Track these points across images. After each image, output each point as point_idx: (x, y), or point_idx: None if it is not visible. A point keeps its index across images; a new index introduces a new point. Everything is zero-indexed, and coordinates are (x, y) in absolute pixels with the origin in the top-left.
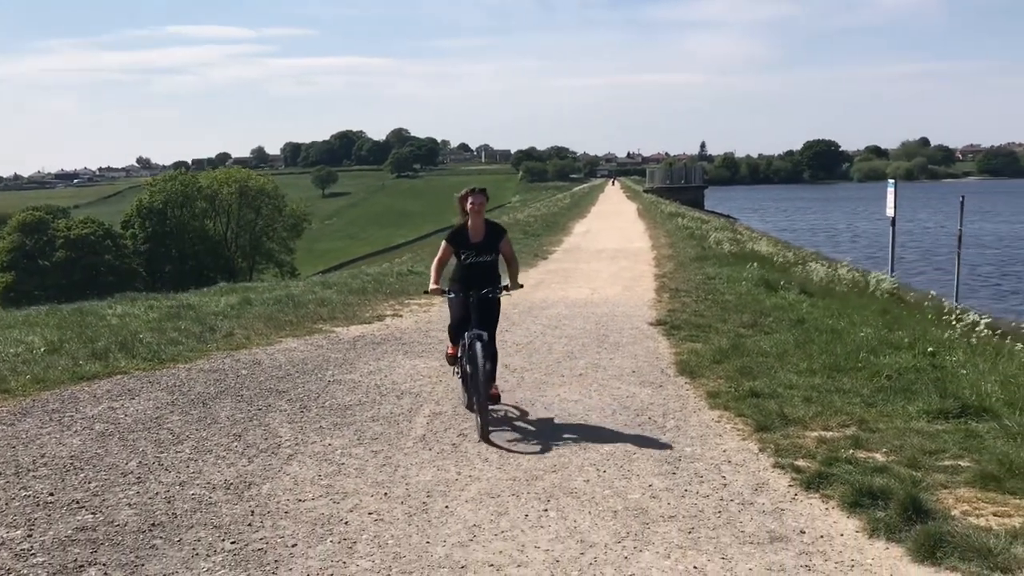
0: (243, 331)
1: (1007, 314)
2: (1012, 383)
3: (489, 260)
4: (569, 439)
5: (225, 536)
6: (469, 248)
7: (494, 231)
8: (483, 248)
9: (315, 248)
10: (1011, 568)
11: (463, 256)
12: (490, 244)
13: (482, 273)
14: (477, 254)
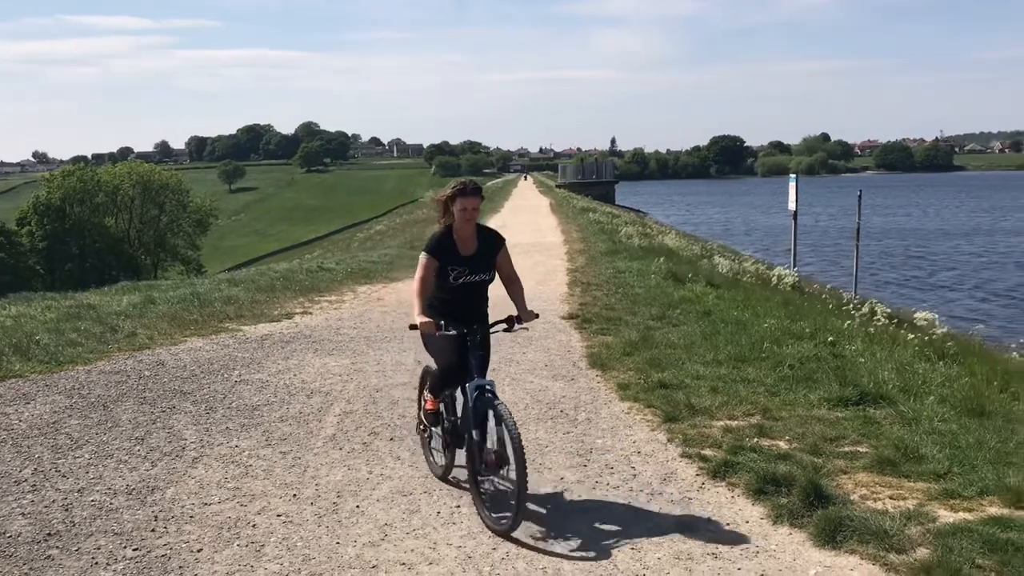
0: (146, 331)
1: (903, 303)
2: (907, 370)
3: (486, 279)
4: None
5: (127, 543)
6: (459, 263)
7: (489, 240)
8: (477, 263)
9: (222, 245)
10: (905, 549)
11: (452, 275)
12: (485, 258)
13: (477, 298)
14: (471, 271)
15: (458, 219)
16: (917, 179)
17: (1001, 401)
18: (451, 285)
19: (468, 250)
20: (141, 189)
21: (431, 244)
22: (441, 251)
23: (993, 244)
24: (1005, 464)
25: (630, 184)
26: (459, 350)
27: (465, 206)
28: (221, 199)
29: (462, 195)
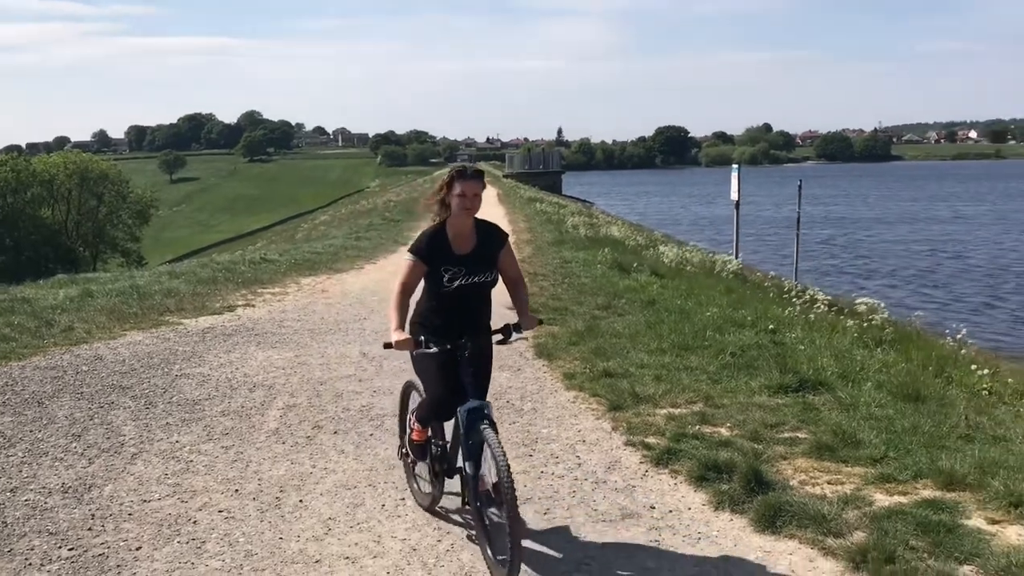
0: (84, 325)
1: (844, 291)
2: (846, 357)
3: (487, 281)
4: None
5: (62, 543)
6: (454, 263)
7: (489, 235)
8: (476, 262)
9: (163, 236)
10: (843, 532)
11: (446, 277)
12: (486, 256)
13: (478, 305)
14: (469, 272)
15: (456, 209)
16: (856, 169)
17: (936, 386)
18: (446, 290)
19: (464, 247)
20: (78, 179)
21: (417, 243)
22: (430, 251)
23: (929, 232)
24: (938, 448)
25: (577, 174)
26: (448, 371)
27: (464, 191)
28: (162, 189)
29: (461, 178)
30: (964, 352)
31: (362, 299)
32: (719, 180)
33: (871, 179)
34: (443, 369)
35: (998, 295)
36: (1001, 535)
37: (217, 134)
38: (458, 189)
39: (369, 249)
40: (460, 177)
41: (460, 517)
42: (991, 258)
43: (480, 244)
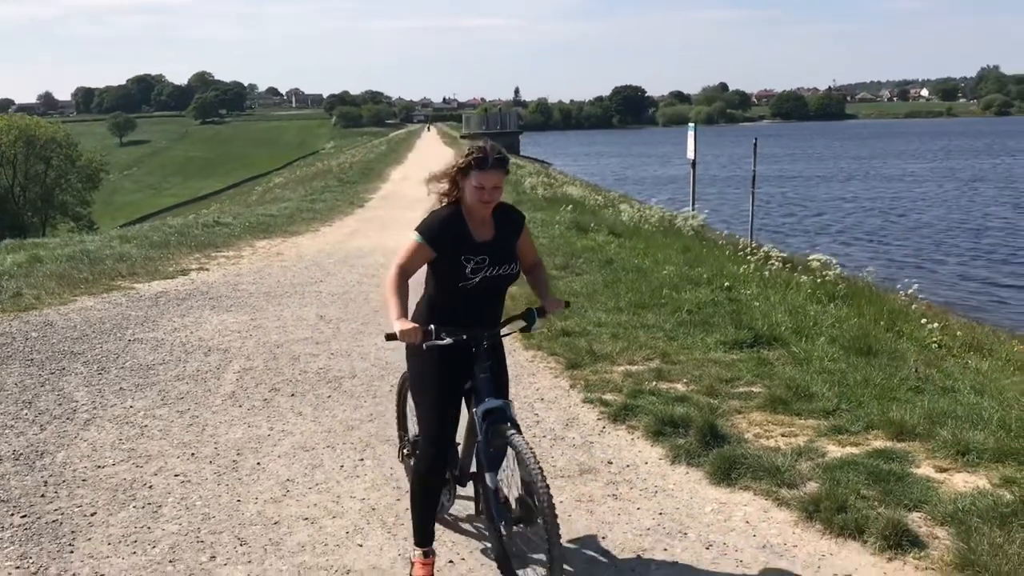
0: (32, 291)
1: (798, 248)
2: (799, 312)
3: (512, 272)
4: (386, 388)
5: (14, 510)
6: (476, 252)
7: (508, 219)
8: (499, 251)
9: (114, 200)
10: (796, 483)
11: (468, 267)
12: (507, 243)
13: (498, 299)
14: (492, 263)
15: (471, 201)
16: (811, 128)
17: (887, 340)
18: (468, 283)
19: (485, 234)
20: (24, 143)
21: (430, 227)
22: (448, 238)
23: (880, 190)
24: (889, 399)
25: (534, 134)
26: (454, 383)
27: (483, 183)
28: (112, 153)
29: (480, 168)
30: (915, 307)
31: (318, 262)
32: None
33: (825, 138)
34: (449, 366)
35: (948, 251)
36: (948, 482)
37: (167, 96)
38: (475, 180)
39: (324, 212)
40: (479, 166)
41: (472, 527)
42: (941, 215)
43: (500, 230)
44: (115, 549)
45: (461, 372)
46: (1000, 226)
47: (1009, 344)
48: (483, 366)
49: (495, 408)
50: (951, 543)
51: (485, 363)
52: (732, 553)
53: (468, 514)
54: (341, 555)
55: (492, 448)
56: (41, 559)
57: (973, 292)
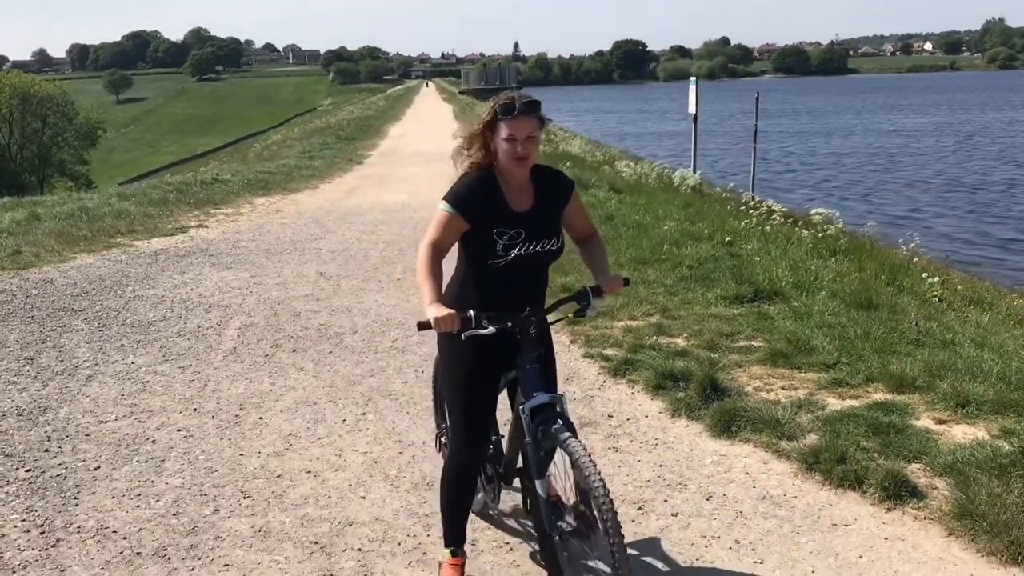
0: (32, 248)
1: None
2: (800, 267)
3: (553, 249)
4: (387, 343)
5: (19, 465)
6: (510, 224)
7: (552, 185)
8: (539, 223)
9: (111, 159)
10: (796, 436)
11: (500, 244)
12: (549, 214)
13: (536, 282)
14: (530, 236)
15: (504, 159)
16: (812, 82)
17: (888, 294)
18: (499, 262)
19: (523, 203)
20: (20, 101)
21: (460, 193)
22: (479, 207)
23: (884, 144)
24: (889, 352)
25: (534, 90)
26: (495, 358)
27: (513, 133)
28: (108, 111)
29: (507, 116)
30: (915, 261)
31: (317, 219)
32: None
33: (824, 93)
34: (483, 369)
35: (950, 206)
36: (948, 434)
37: (163, 52)
38: (504, 132)
39: (323, 168)
40: (506, 115)
41: (517, 523)
42: (942, 170)
43: (541, 198)
44: (119, 502)
45: (501, 362)
46: (996, 181)
47: (1009, 298)
48: (530, 356)
49: (545, 404)
50: (950, 493)
51: (532, 352)
52: (732, 504)
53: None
54: (344, 507)
55: (542, 452)
56: (47, 512)
57: (972, 247)
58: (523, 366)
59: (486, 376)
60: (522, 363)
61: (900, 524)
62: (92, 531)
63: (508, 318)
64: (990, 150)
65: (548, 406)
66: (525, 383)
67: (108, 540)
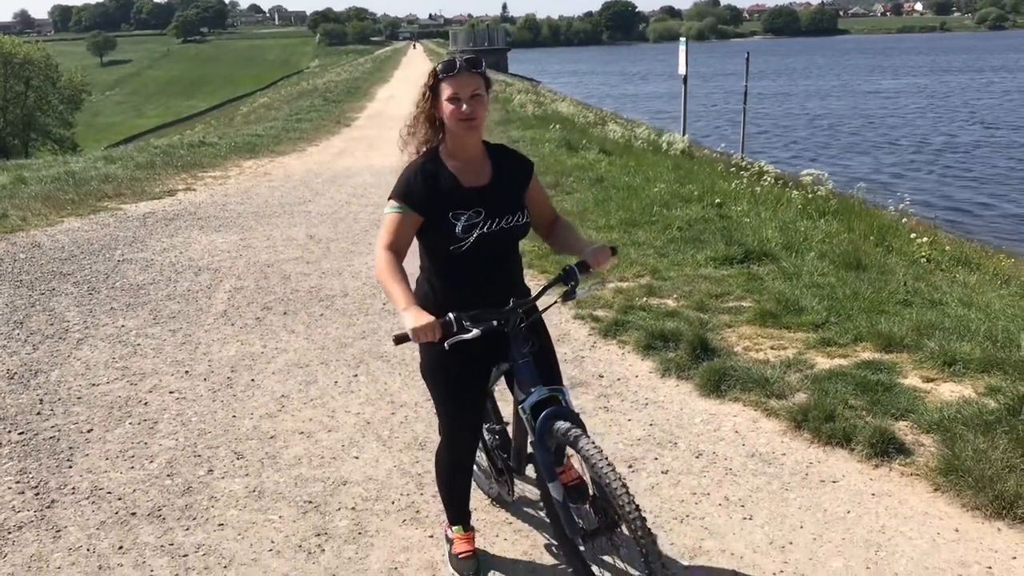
0: (18, 212)
1: (792, 165)
2: (789, 228)
3: (518, 225)
4: (378, 305)
5: (11, 427)
6: (465, 203)
7: (509, 162)
8: (499, 199)
9: (96, 122)
10: (785, 394)
11: (459, 226)
12: (510, 190)
13: (507, 261)
14: (490, 214)
15: (451, 123)
16: (801, 43)
17: (876, 255)
18: (461, 245)
19: (478, 179)
20: (1, 64)
21: (404, 188)
22: (428, 193)
23: (872, 105)
24: (878, 312)
25: (523, 52)
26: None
27: (456, 91)
28: (92, 73)
29: (447, 74)
30: (904, 222)
31: (306, 181)
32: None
33: (809, 54)
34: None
35: (938, 166)
36: (935, 392)
37: (147, 13)
38: (447, 92)
39: (311, 131)
40: (447, 72)
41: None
42: (933, 133)
43: (499, 174)
44: (113, 464)
45: (490, 356)
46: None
47: (996, 258)
48: (522, 350)
49: (546, 400)
50: (936, 450)
51: (524, 345)
52: (721, 461)
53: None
54: (337, 467)
55: (550, 452)
56: (40, 474)
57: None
58: (515, 361)
59: (473, 373)
60: (514, 357)
61: (887, 480)
62: (86, 492)
63: (492, 315)
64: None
65: (550, 401)
66: (520, 379)
67: (103, 501)
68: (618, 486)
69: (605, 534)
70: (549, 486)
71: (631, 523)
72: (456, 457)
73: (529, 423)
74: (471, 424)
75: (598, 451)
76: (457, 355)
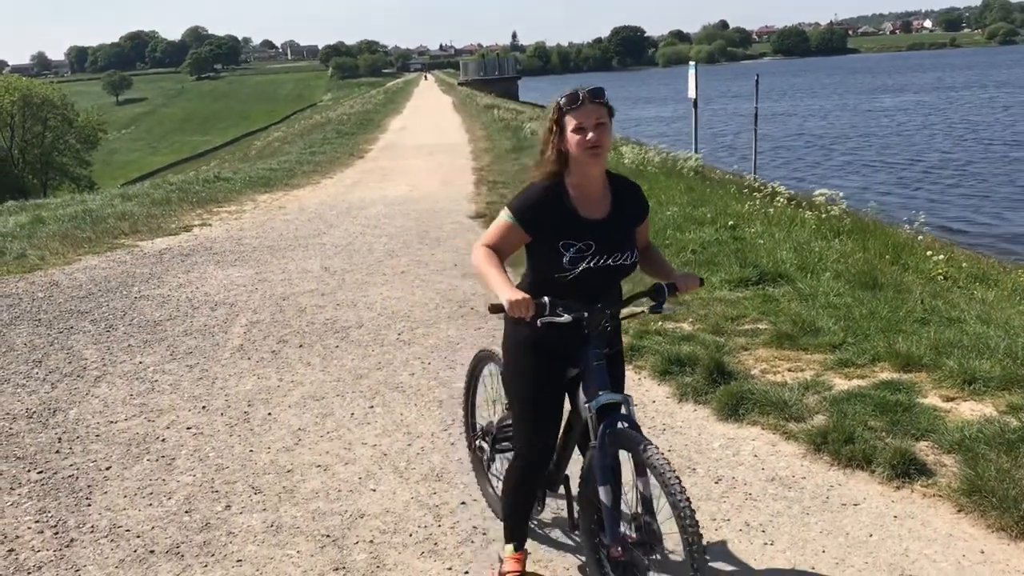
0: (37, 251)
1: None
2: (804, 249)
3: (626, 265)
4: (393, 336)
5: (31, 467)
6: (579, 235)
7: (631, 196)
8: (613, 235)
9: (114, 160)
10: (803, 417)
11: (566, 257)
12: (624, 225)
13: (609, 292)
14: (601, 250)
15: (577, 152)
16: (812, 63)
17: (892, 273)
18: (565, 276)
19: (596, 211)
20: (21, 105)
21: (524, 203)
22: (545, 216)
23: (884, 123)
24: (895, 332)
25: (533, 79)
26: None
27: (582, 122)
28: (109, 112)
29: (573, 107)
30: (920, 239)
31: (320, 214)
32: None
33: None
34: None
35: (955, 184)
36: (955, 411)
37: (162, 52)
38: (572, 124)
39: (325, 164)
40: (571, 106)
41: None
42: (946, 149)
43: (617, 210)
44: (131, 501)
45: (566, 359)
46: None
47: (1015, 274)
48: (597, 352)
49: (613, 404)
50: (958, 470)
51: (602, 348)
52: (741, 487)
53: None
54: (355, 500)
55: (609, 456)
56: (59, 513)
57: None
58: (589, 362)
59: (555, 383)
60: (588, 359)
61: (909, 502)
62: (105, 530)
63: (583, 308)
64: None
65: (615, 406)
66: (590, 380)
67: (121, 539)
68: (682, 498)
69: (644, 548)
70: (600, 489)
71: (689, 537)
72: (531, 464)
73: (593, 425)
74: (550, 428)
75: (665, 461)
76: (540, 363)
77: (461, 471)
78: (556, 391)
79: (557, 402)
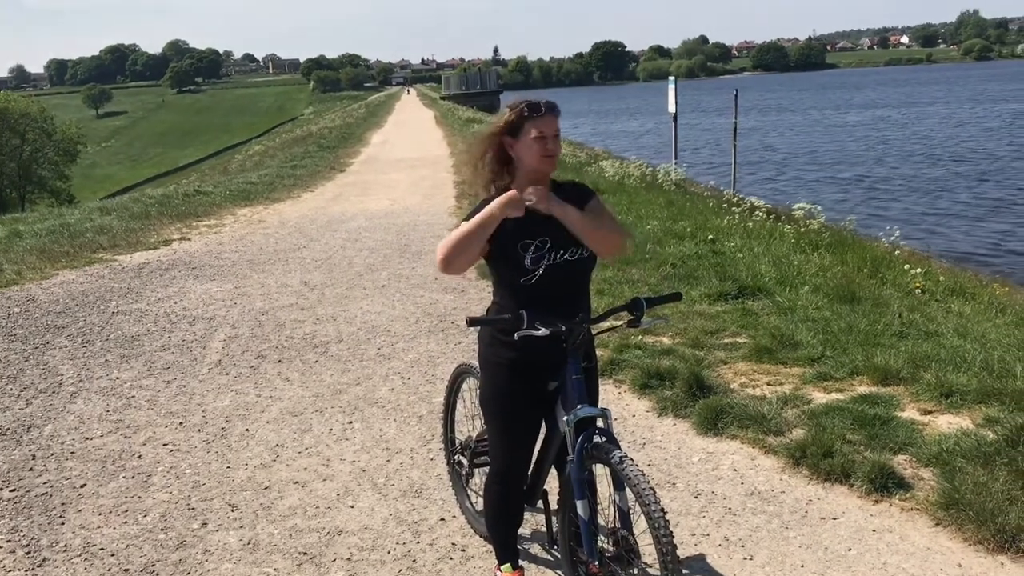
0: (12, 266)
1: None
2: (783, 262)
3: (584, 257)
4: (373, 351)
5: (3, 485)
6: (534, 231)
7: (569, 189)
8: (564, 227)
9: (93, 174)
10: (783, 431)
11: (527, 257)
12: None
13: (576, 294)
14: (557, 244)
15: (532, 160)
16: (789, 79)
17: (870, 287)
18: (531, 277)
19: None
20: None
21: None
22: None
23: (863, 137)
24: (873, 345)
25: (515, 94)
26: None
27: (543, 132)
28: (88, 125)
29: (533, 116)
30: (897, 253)
31: (300, 228)
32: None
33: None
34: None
35: (934, 198)
36: (933, 424)
37: (142, 65)
38: (534, 132)
39: (306, 177)
40: (534, 115)
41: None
42: (922, 164)
43: None
44: (106, 519)
45: (544, 381)
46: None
47: (991, 288)
48: (576, 366)
49: (590, 418)
50: (936, 483)
51: (579, 362)
52: (720, 501)
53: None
54: (332, 517)
55: (587, 469)
56: (32, 531)
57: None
58: (568, 376)
59: (530, 401)
60: (567, 373)
61: (888, 516)
62: (79, 549)
63: (561, 322)
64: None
65: (593, 420)
66: (569, 394)
67: (95, 558)
68: (656, 508)
69: (620, 562)
70: (577, 503)
71: (663, 548)
72: (509, 483)
73: (571, 438)
74: (525, 446)
75: (641, 473)
76: (515, 380)
77: (440, 487)
78: (532, 410)
79: (533, 420)
